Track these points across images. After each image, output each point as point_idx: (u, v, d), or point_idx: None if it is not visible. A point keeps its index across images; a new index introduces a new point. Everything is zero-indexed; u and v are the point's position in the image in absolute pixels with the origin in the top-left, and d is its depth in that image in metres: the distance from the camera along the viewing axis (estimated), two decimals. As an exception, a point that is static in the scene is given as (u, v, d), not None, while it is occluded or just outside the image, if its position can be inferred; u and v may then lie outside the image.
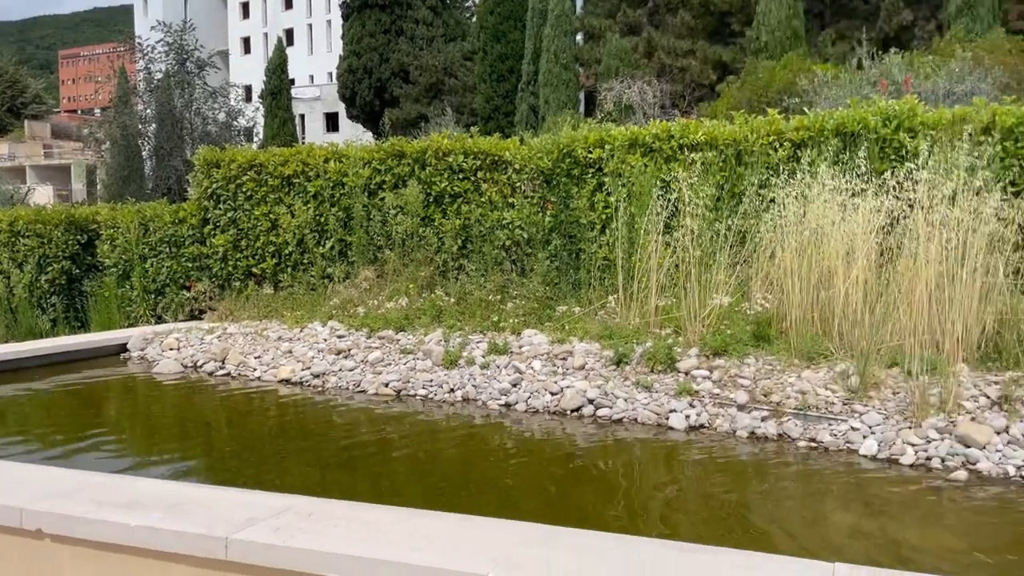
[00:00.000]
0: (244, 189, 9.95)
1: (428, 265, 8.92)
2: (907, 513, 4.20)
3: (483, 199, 8.91)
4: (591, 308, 7.79)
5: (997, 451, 4.70)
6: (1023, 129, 6.97)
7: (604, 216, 8.22)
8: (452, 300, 8.40)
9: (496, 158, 8.97)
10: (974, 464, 4.64)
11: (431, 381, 6.83)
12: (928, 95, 11.60)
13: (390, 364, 7.27)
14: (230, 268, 10.04)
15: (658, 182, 7.86)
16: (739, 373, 6.05)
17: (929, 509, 4.25)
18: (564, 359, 6.79)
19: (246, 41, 62.05)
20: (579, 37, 26.24)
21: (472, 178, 9.01)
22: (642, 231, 7.45)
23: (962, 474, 4.56)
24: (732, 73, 20.67)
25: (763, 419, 5.48)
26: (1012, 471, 4.53)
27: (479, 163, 8.98)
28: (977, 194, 6.10)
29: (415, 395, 6.71)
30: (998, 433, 4.84)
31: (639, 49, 23.77)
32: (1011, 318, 5.86)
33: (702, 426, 5.58)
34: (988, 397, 5.23)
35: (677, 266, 7.19)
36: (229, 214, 10.03)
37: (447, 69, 30.67)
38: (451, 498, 4.55)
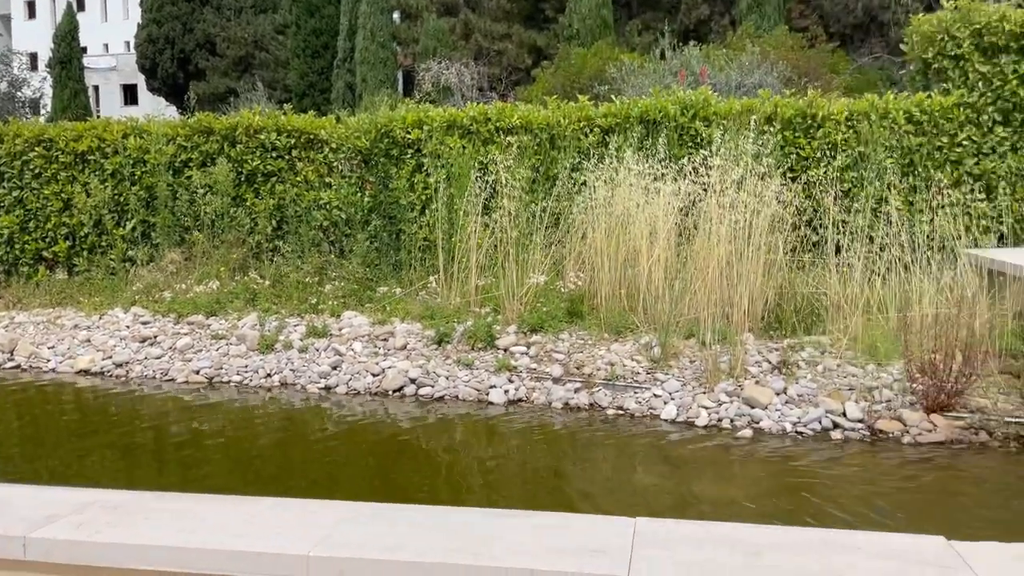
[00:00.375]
0: (31, 166, 9.12)
1: (240, 247, 8.60)
2: (702, 469, 4.62)
3: (299, 179, 8.69)
4: (412, 289, 7.85)
5: (777, 410, 5.25)
6: (800, 120, 7.72)
7: (424, 197, 8.28)
8: (267, 283, 8.16)
9: (312, 136, 8.77)
10: (758, 423, 5.17)
11: (246, 367, 6.64)
12: (722, 86, 12.51)
13: (201, 350, 6.98)
14: (17, 252, 9.20)
15: (476, 164, 8.01)
16: (554, 348, 6.34)
17: (720, 465, 4.68)
18: (386, 340, 6.81)
19: (30, 5, 56.18)
20: (396, 16, 25.96)
21: (287, 157, 8.76)
22: (462, 212, 7.59)
23: (748, 432, 5.06)
24: (547, 58, 21.25)
25: (576, 390, 5.79)
26: (789, 427, 5.09)
27: (294, 141, 8.74)
28: (761, 179, 6.72)
29: (229, 382, 6.50)
30: (777, 394, 5.41)
31: (457, 31, 23.89)
32: (789, 291, 6.53)
33: (520, 400, 5.81)
34: (769, 362, 5.82)
35: (496, 246, 7.39)
36: (15, 193, 9.17)
37: (258, 42, 29.33)
38: (271, 482, 4.49)
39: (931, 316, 5.48)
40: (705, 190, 6.81)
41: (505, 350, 6.40)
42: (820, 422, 5.10)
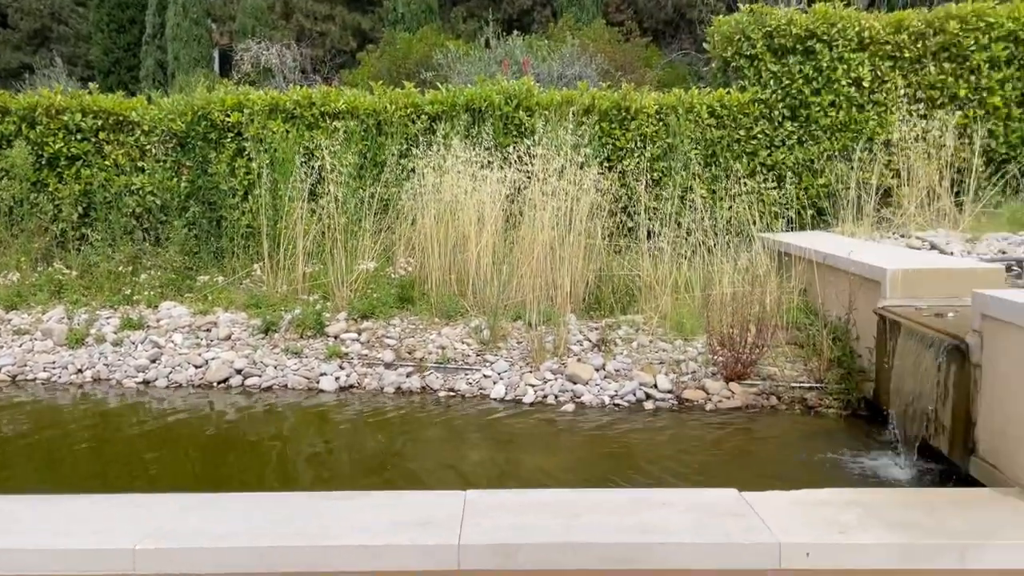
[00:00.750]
0: None
1: (43, 235, 8.00)
2: (528, 443, 4.86)
3: (107, 163, 8.18)
4: (236, 277, 7.63)
5: (596, 385, 5.61)
6: (616, 112, 8.18)
7: (246, 182, 8.04)
8: (75, 273, 7.65)
9: (121, 118, 8.26)
10: (580, 397, 5.50)
11: (53, 363, 6.24)
12: (544, 77, 12.93)
13: (1, 347, 6.48)
14: None
15: (301, 149, 7.88)
16: (386, 333, 6.40)
17: (545, 438, 4.95)
18: (208, 330, 6.60)
19: None
20: (211, -10, 24.66)
21: (93, 139, 8.22)
22: (287, 198, 7.45)
23: (570, 407, 5.38)
24: (372, 42, 20.96)
25: (408, 375, 5.90)
26: (607, 400, 5.46)
27: (101, 123, 8.21)
28: (581, 168, 7.08)
29: (35, 379, 6.09)
30: (597, 370, 5.77)
31: (276, 9, 23.03)
32: (607, 274, 6.95)
33: (352, 386, 5.84)
34: (590, 341, 6.19)
35: (324, 233, 7.33)
36: None
37: (55, 14, 26.94)
38: (89, 481, 4.28)
39: (730, 294, 6.03)
40: (529, 178, 7.09)
41: (335, 337, 6.39)
42: (635, 394, 5.50)
